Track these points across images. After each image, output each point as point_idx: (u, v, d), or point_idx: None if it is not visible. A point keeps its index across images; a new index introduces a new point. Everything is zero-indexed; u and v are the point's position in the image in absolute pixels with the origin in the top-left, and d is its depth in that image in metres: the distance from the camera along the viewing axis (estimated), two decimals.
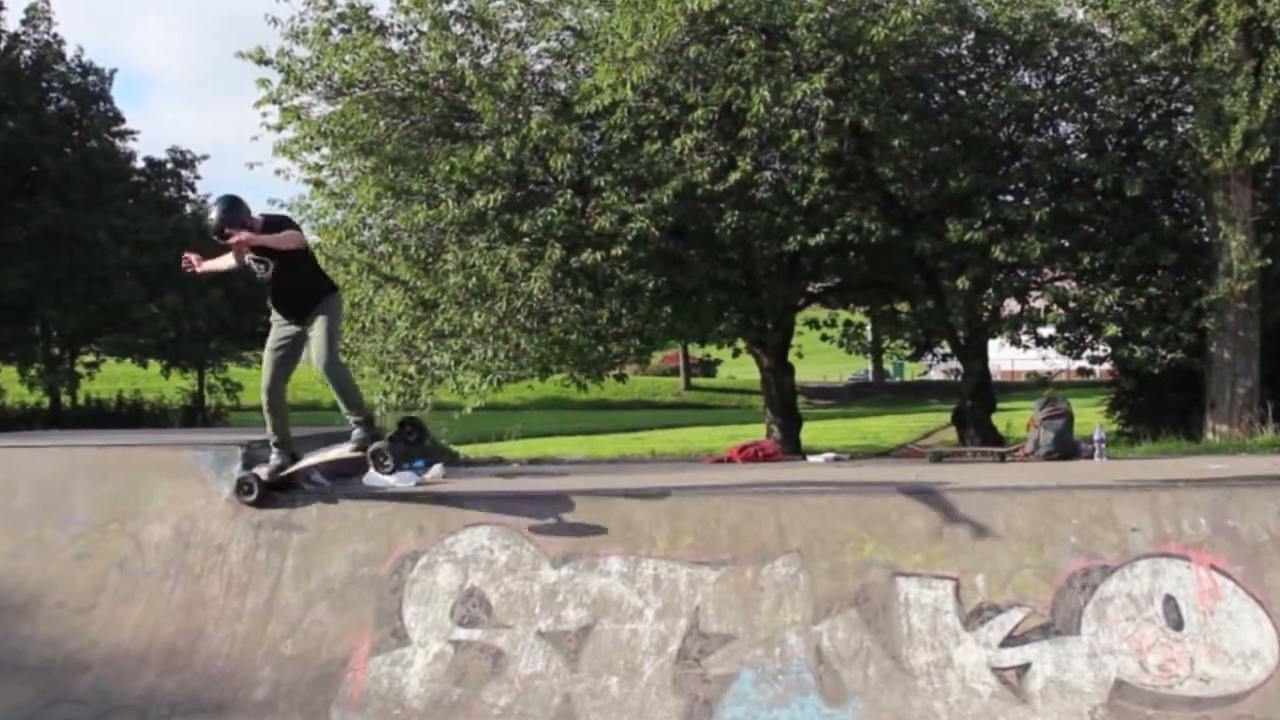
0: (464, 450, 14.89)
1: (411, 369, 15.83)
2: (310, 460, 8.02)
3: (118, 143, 35.89)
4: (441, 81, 15.21)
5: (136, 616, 7.49)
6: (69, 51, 34.74)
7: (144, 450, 8.70)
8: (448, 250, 15.21)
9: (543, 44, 16.12)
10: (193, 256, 7.86)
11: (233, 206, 7.51)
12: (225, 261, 7.75)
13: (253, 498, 7.83)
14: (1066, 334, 16.83)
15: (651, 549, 7.22)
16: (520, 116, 14.60)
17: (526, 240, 14.55)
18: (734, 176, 14.35)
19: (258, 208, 7.78)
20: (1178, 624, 6.43)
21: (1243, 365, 16.07)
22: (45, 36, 34.02)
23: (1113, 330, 15.51)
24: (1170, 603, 6.49)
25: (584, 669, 6.83)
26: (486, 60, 15.41)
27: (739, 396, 55.62)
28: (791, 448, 16.29)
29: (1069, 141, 16.88)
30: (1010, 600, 6.63)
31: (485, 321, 14.66)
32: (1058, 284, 16.54)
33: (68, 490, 8.25)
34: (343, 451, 7.87)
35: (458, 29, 15.32)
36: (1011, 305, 17.01)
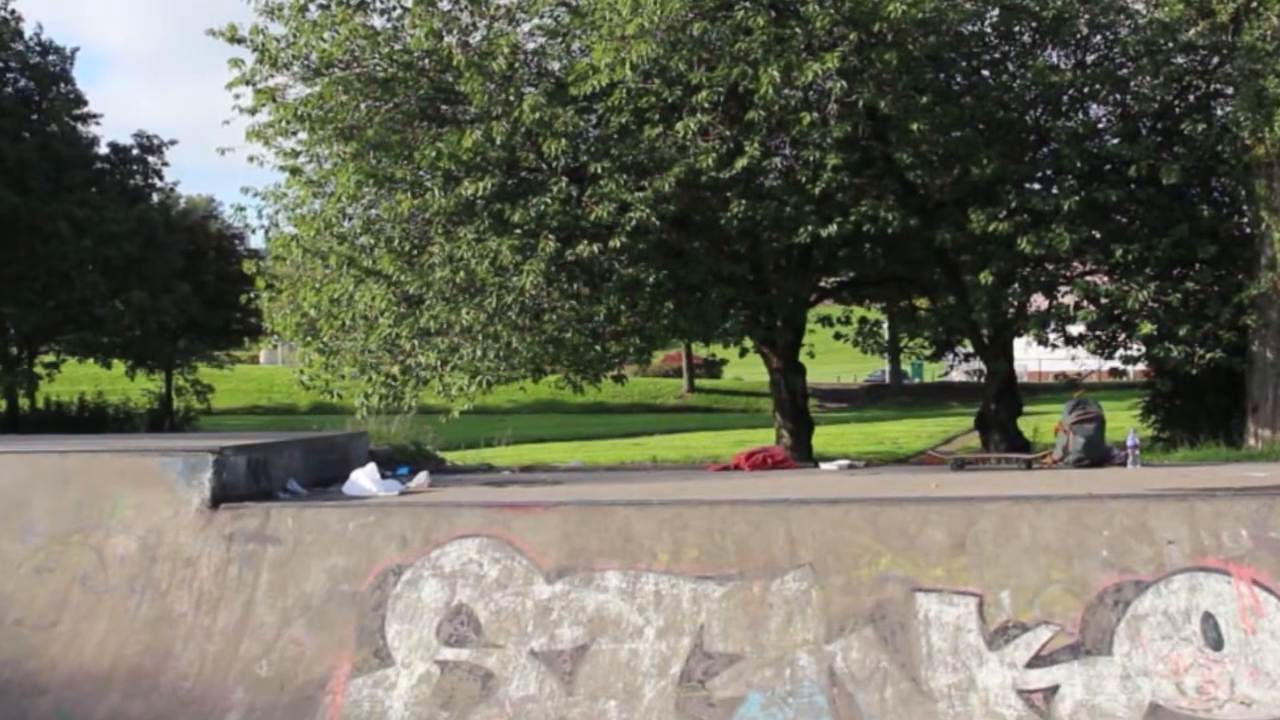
0: (451, 457, 14.89)
1: (395, 369, 15.82)
2: None
3: (79, 127, 35.93)
4: (427, 61, 15.19)
5: (100, 635, 7.49)
6: (27, 29, 34.80)
7: (108, 457, 8.69)
8: (434, 242, 15.20)
9: (535, 21, 16.11)
10: None
11: None
12: None
13: None
14: (1098, 332, 16.82)
15: (652, 563, 7.23)
16: (511, 99, 14.59)
17: (518, 231, 14.55)
18: (741, 163, 14.35)
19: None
20: (1217, 643, 6.43)
21: None
22: (2, 13, 34.04)
23: (1147, 328, 15.49)
24: (1209, 620, 6.49)
25: (580, 692, 6.84)
26: (475, 38, 15.40)
27: (746, 399, 55.68)
28: (802, 454, 16.29)
29: (1100, 125, 16.86)
30: (1037, 618, 6.64)
31: (474, 319, 14.65)
32: (1088, 278, 16.53)
33: (26, 500, 8.25)
34: None
35: (444, 4, 15.32)
36: (1039, 301, 16.99)
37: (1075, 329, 17.16)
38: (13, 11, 34.19)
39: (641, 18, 13.76)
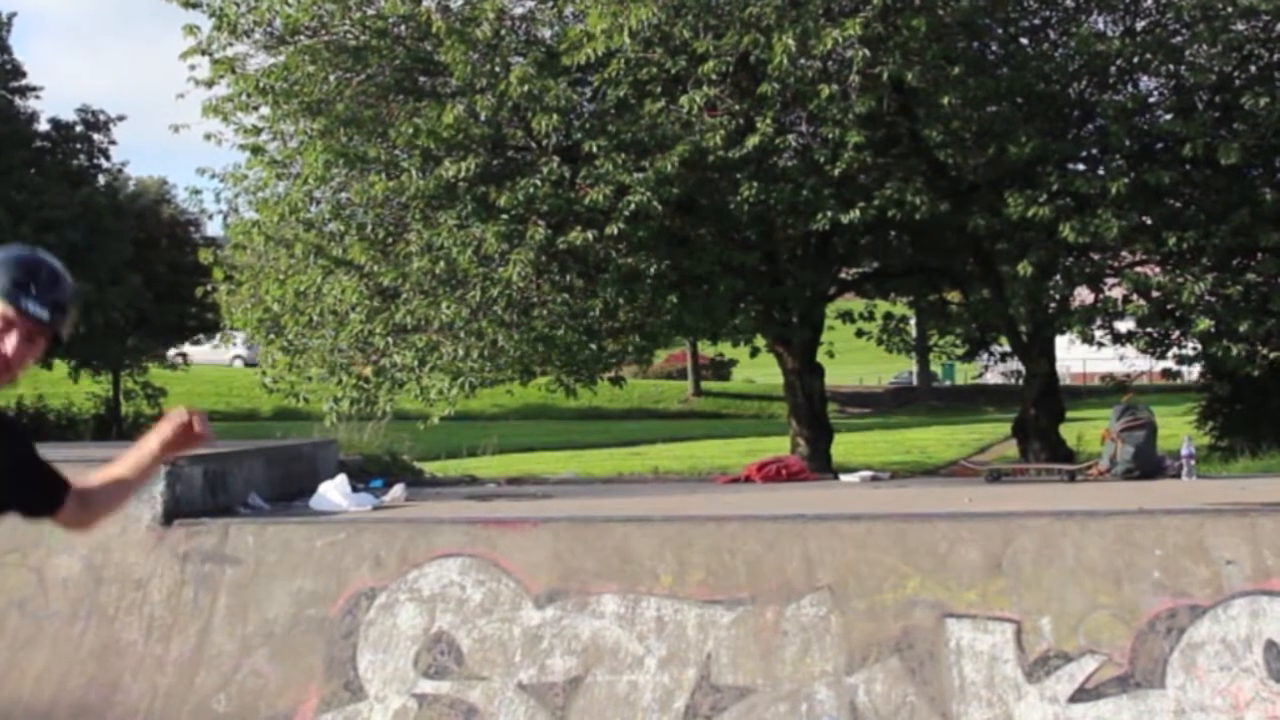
0: (430, 468, 14.91)
1: (368, 370, 15.83)
2: None
3: (17, 101, 35.92)
4: (403, 28, 15.21)
5: (40, 666, 7.49)
6: None
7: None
8: (410, 229, 15.22)
9: None
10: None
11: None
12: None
13: None
14: (1149, 329, 16.82)
15: (654, 586, 7.23)
16: (497, 69, 14.60)
17: (504, 217, 14.56)
18: (752, 141, 14.35)
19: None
20: None
21: None
22: None
23: (1204, 324, 15.48)
24: (1272, 649, 6.49)
25: None
26: (457, 2, 15.42)
27: (758, 404, 55.72)
28: (821, 465, 16.29)
29: (1152, 100, 16.87)
30: (1082, 647, 6.64)
31: (455, 314, 14.66)
32: (1138, 269, 16.54)
33: None
34: None
35: None
36: (1083, 295, 17.00)
37: (1124, 325, 17.16)
38: None
39: None
